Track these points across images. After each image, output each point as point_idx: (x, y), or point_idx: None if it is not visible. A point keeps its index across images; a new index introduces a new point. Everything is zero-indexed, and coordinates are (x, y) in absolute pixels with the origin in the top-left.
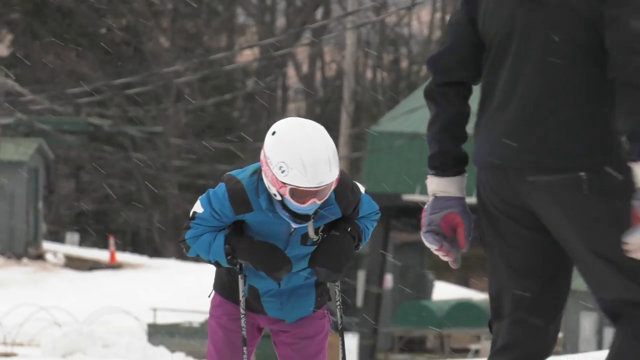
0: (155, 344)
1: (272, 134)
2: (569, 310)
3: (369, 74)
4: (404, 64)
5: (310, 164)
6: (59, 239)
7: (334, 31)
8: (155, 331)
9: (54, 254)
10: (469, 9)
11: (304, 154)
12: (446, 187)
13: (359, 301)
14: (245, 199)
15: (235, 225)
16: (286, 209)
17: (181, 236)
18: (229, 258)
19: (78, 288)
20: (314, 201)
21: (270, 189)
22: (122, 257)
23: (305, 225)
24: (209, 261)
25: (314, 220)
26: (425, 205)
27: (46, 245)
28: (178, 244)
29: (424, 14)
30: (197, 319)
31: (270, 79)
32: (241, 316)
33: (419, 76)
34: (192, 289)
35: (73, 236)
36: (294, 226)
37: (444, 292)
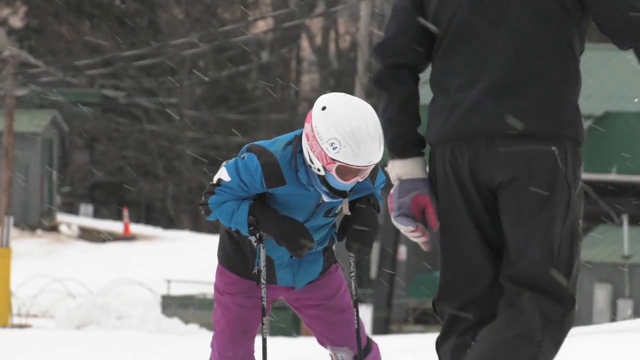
0: (169, 315)
1: (321, 108)
2: (582, 282)
3: None
4: None
5: (364, 142)
6: (73, 210)
7: (348, 2)
8: (169, 303)
9: (68, 225)
10: None
11: (358, 132)
12: (411, 169)
13: (373, 273)
14: (279, 173)
15: (259, 196)
16: (325, 184)
17: (203, 200)
18: (250, 229)
19: (92, 260)
20: (357, 179)
21: (313, 164)
22: (136, 228)
23: (337, 200)
24: (228, 227)
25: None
26: (391, 190)
27: (60, 217)
28: (198, 206)
29: None
30: (211, 291)
31: (285, 50)
32: (262, 286)
33: None
34: (206, 260)
35: (87, 208)
36: (327, 200)
37: None
